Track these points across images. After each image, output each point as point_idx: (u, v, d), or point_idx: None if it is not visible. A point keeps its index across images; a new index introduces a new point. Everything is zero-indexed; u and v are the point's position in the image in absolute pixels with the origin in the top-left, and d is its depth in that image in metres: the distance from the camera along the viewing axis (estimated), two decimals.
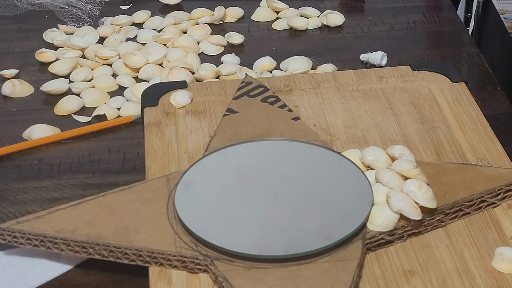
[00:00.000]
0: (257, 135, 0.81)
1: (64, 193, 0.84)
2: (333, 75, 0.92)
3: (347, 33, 1.13)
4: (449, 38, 1.12)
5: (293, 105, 0.87)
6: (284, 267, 0.66)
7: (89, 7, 1.18)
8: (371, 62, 1.05)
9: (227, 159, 0.77)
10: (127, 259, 0.69)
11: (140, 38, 1.11)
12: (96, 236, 0.69)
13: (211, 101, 0.88)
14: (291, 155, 0.77)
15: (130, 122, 0.94)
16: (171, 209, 0.72)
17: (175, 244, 0.68)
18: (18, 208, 0.82)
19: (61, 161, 0.88)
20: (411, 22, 1.16)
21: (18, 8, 1.18)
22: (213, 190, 0.73)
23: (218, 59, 1.06)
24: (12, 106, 0.98)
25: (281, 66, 1.04)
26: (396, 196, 0.70)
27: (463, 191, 0.73)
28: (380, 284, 0.66)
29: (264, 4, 1.19)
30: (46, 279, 0.72)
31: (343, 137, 0.83)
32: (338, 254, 0.67)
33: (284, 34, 1.13)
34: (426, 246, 0.70)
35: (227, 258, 0.67)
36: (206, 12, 1.16)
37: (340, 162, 0.76)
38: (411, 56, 1.07)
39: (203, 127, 0.84)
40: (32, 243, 0.71)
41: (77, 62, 1.05)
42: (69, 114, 0.96)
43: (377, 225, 0.69)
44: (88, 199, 0.73)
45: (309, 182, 0.74)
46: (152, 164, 0.79)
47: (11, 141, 0.91)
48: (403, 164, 0.73)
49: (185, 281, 0.67)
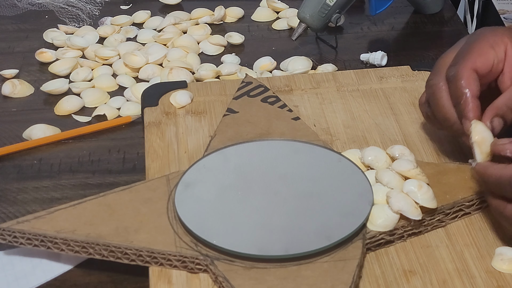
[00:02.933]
0: (257, 135, 0.81)
1: (64, 193, 0.84)
2: (333, 75, 0.92)
3: (347, 33, 1.13)
4: (449, 38, 1.12)
5: (293, 105, 0.87)
6: (284, 267, 0.66)
7: (89, 7, 1.18)
8: (371, 62, 1.05)
9: (227, 159, 0.77)
10: (127, 259, 0.69)
11: (140, 38, 1.11)
12: (96, 236, 0.69)
13: (211, 101, 0.88)
14: (291, 155, 0.77)
15: (130, 122, 0.94)
16: (171, 209, 0.72)
17: (175, 244, 0.68)
18: (18, 208, 0.82)
19: (61, 161, 0.88)
20: (411, 22, 1.16)
21: (18, 8, 1.18)
22: (213, 190, 0.73)
23: (218, 59, 1.06)
24: (12, 106, 0.98)
25: (281, 66, 1.04)
26: (396, 196, 0.70)
27: (463, 191, 0.73)
28: (380, 284, 0.66)
29: (264, 4, 1.19)
30: (46, 279, 0.72)
31: (343, 137, 0.83)
32: (338, 254, 0.67)
33: (284, 34, 1.13)
34: (426, 246, 0.70)
35: (227, 258, 0.67)
36: (206, 12, 1.16)
37: (340, 162, 0.76)
38: (411, 56, 1.07)
39: (203, 127, 0.84)
40: (32, 243, 0.71)
41: (77, 62, 1.05)
42: (69, 114, 0.96)
43: (377, 225, 0.69)
44: (88, 199, 0.73)
45: (309, 182, 0.74)
46: (152, 164, 0.79)
47: (11, 141, 0.91)
48: (403, 164, 0.73)
49: (185, 281, 0.67)
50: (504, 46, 0.74)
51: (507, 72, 0.74)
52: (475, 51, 0.73)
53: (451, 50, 0.77)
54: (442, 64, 0.76)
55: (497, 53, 0.73)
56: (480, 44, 0.74)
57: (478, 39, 0.75)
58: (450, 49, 0.77)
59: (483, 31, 0.76)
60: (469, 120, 0.71)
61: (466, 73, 0.72)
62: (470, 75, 0.72)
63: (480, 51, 0.73)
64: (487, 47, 0.73)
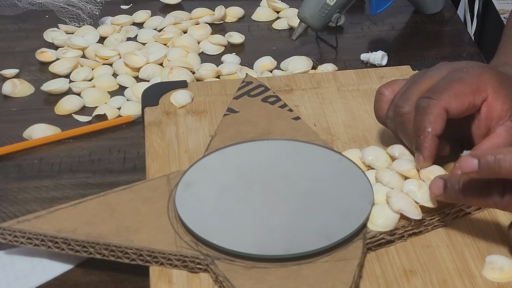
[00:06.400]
0: (258, 134, 0.81)
1: (64, 192, 0.84)
2: (334, 75, 0.92)
3: (347, 33, 1.13)
4: (449, 38, 1.12)
5: (293, 104, 0.87)
6: (284, 266, 0.66)
7: (89, 6, 1.18)
8: (371, 62, 1.05)
9: (227, 159, 0.77)
10: (127, 259, 0.69)
11: (141, 37, 1.11)
12: (96, 235, 0.69)
13: (211, 100, 0.88)
14: (292, 155, 0.77)
15: (131, 122, 0.94)
16: (172, 209, 0.72)
17: (176, 244, 0.68)
18: (19, 208, 0.82)
19: (61, 161, 0.88)
20: (411, 22, 1.16)
21: (18, 7, 1.18)
22: (214, 189, 0.73)
23: (218, 59, 1.06)
24: (12, 105, 0.98)
25: (282, 65, 1.04)
26: (396, 196, 0.70)
27: None
28: (380, 283, 0.66)
29: (264, 4, 1.19)
30: (46, 279, 0.72)
31: (343, 137, 0.83)
32: (338, 253, 0.67)
33: (284, 34, 1.13)
34: (427, 246, 0.70)
35: (228, 258, 0.67)
36: (207, 11, 1.16)
37: (341, 162, 0.76)
38: (411, 56, 1.07)
39: (204, 127, 0.84)
40: (33, 242, 0.71)
41: (78, 62, 1.05)
42: (69, 113, 0.96)
43: (377, 225, 0.69)
44: (88, 199, 0.73)
45: (309, 181, 0.74)
46: (152, 163, 0.79)
47: (11, 140, 0.91)
48: (403, 164, 0.73)
49: (186, 281, 0.67)
50: (485, 94, 0.72)
51: (484, 120, 0.73)
52: (454, 91, 0.71)
53: (427, 76, 0.74)
54: (415, 91, 0.74)
55: (475, 100, 0.72)
56: (462, 85, 0.72)
57: (462, 77, 0.72)
58: (428, 73, 0.75)
59: (472, 67, 0.74)
60: (423, 157, 0.71)
61: (436, 110, 0.70)
62: (439, 114, 0.70)
63: (459, 93, 0.71)
64: (467, 91, 0.72)
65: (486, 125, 0.73)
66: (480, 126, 0.73)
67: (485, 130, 0.74)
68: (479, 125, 0.74)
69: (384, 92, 0.77)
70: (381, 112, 0.77)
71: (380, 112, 0.77)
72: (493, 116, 0.73)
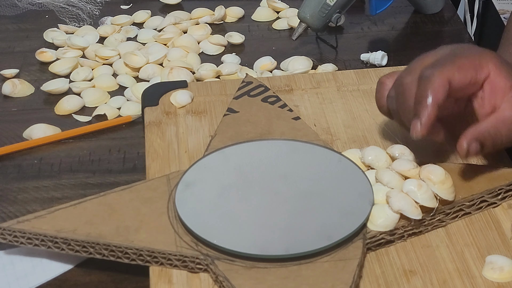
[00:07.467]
0: (258, 134, 0.81)
1: (64, 192, 0.84)
2: (334, 75, 0.92)
3: (347, 33, 1.13)
4: (449, 38, 1.12)
5: (293, 104, 0.87)
6: (284, 266, 0.66)
7: (89, 6, 1.18)
8: (371, 62, 1.05)
9: (227, 159, 0.77)
10: (127, 259, 0.69)
11: (141, 37, 1.11)
12: (96, 235, 0.69)
13: (211, 100, 0.88)
14: (292, 155, 0.78)
15: (131, 122, 0.94)
16: (172, 209, 0.72)
17: (176, 244, 0.68)
18: (19, 208, 0.82)
19: (61, 161, 0.88)
20: (411, 22, 1.16)
21: (18, 7, 1.18)
22: (214, 189, 0.73)
23: (218, 59, 1.06)
24: (12, 105, 0.98)
25: (282, 66, 1.04)
26: (396, 195, 0.70)
27: (463, 191, 0.73)
28: (380, 283, 0.66)
29: (264, 4, 1.19)
30: (46, 279, 0.72)
31: (343, 137, 0.83)
32: (338, 253, 0.67)
33: (284, 34, 1.13)
34: (427, 246, 0.70)
35: (228, 258, 0.67)
36: (207, 12, 1.16)
37: (341, 162, 0.76)
38: (411, 56, 1.06)
39: (204, 127, 0.84)
40: (33, 242, 0.71)
41: (78, 62, 1.05)
42: (69, 113, 0.96)
43: (377, 224, 0.69)
44: (88, 199, 0.73)
45: (309, 181, 0.74)
46: (152, 163, 0.79)
47: (11, 140, 0.91)
48: (403, 163, 0.73)
49: (186, 281, 0.67)
50: (487, 71, 0.72)
51: (488, 97, 0.73)
52: (457, 64, 0.71)
53: (430, 54, 0.75)
54: (418, 65, 0.74)
55: (477, 75, 0.72)
56: (465, 60, 0.72)
57: (464, 54, 0.73)
58: (430, 53, 0.75)
59: (472, 48, 0.75)
60: (420, 123, 0.70)
61: (439, 79, 0.70)
62: (442, 83, 0.70)
63: (462, 66, 0.71)
64: (469, 66, 0.72)
65: (491, 103, 0.73)
66: (485, 104, 0.73)
67: (489, 109, 0.73)
68: (483, 104, 0.73)
69: (385, 81, 0.77)
70: (383, 101, 0.77)
71: (381, 101, 0.77)
72: (497, 93, 0.73)
